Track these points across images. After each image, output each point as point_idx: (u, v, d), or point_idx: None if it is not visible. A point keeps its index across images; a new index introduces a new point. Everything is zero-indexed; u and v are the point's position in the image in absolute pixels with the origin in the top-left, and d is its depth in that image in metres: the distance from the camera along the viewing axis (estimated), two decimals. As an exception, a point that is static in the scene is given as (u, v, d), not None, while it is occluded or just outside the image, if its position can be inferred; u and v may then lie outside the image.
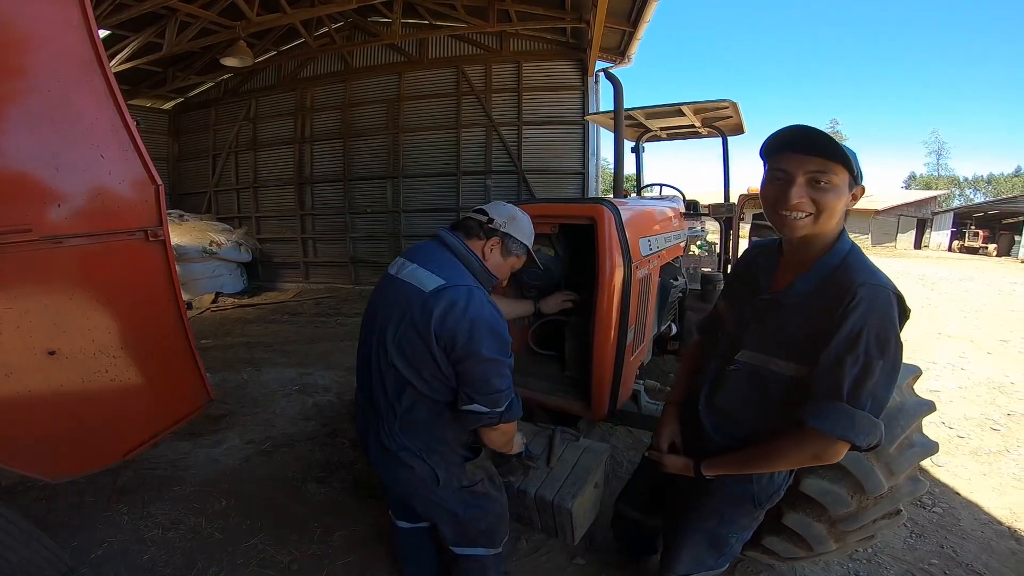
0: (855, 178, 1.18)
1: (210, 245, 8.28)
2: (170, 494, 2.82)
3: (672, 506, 1.71)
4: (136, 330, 2.20)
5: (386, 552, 2.33)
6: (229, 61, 7.74)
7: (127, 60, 7.70)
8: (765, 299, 1.32)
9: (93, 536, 2.45)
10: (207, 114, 10.25)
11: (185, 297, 7.88)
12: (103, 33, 7.25)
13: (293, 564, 2.32)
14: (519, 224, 1.72)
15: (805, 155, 1.17)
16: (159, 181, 2.24)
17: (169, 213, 8.81)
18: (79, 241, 1.98)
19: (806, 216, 1.19)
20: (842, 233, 1.25)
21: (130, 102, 9.32)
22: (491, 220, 1.68)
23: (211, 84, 10.07)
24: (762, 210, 1.30)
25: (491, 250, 1.69)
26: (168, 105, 10.40)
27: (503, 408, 1.54)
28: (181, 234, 8.13)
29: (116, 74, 7.43)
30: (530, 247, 1.78)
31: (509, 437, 1.75)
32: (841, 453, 1.18)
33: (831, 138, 1.15)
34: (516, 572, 2.24)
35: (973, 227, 28.40)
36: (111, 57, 7.55)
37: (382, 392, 1.60)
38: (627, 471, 3.08)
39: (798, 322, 1.23)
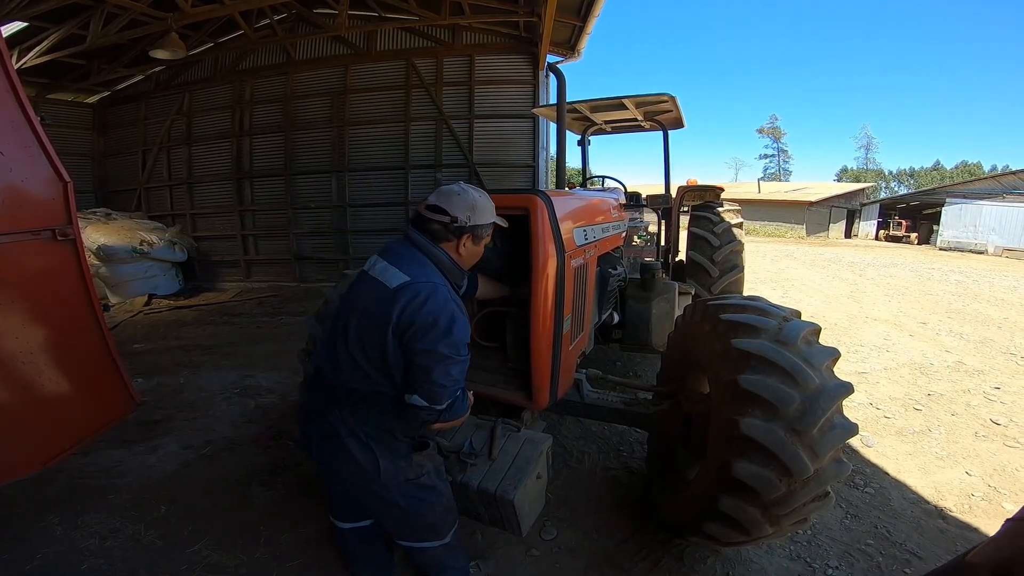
0: None
1: (141, 244, 7.82)
2: (105, 503, 2.70)
3: None
4: (46, 335, 2.09)
5: (337, 553, 2.30)
6: (159, 54, 7.23)
7: (46, 53, 7.16)
8: None
9: (26, 548, 2.34)
10: (136, 108, 9.66)
11: (115, 300, 7.56)
12: (18, 25, 6.81)
13: (240, 568, 2.27)
14: (481, 210, 1.72)
15: None
16: (67, 178, 2.12)
17: (95, 211, 8.37)
18: (-22, 241, 1.85)
19: None
20: None
21: (50, 96, 8.78)
22: (455, 219, 1.66)
23: (141, 77, 9.48)
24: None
25: (464, 246, 1.72)
26: (93, 99, 9.72)
27: (443, 406, 1.57)
28: (109, 234, 7.65)
29: (34, 67, 6.90)
30: (496, 220, 1.79)
31: (452, 428, 1.78)
32: None
33: None
34: (471, 567, 2.24)
35: (897, 217, 30.13)
36: (28, 50, 7.08)
37: (341, 377, 1.63)
38: (577, 460, 3.14)
39: None
